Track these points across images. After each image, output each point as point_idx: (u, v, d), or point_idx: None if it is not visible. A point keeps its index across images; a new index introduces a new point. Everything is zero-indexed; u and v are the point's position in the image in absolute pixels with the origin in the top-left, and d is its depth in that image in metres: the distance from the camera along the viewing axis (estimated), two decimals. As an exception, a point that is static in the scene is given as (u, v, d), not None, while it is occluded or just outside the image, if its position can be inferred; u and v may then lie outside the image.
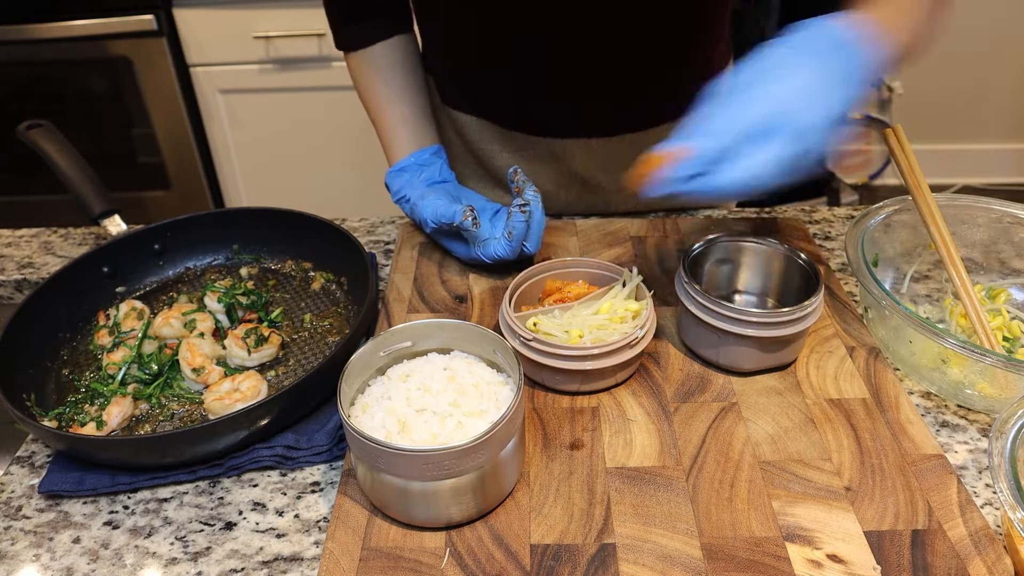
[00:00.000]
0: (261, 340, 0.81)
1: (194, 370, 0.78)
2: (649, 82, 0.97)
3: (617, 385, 0.75)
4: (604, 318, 0.76)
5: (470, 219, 0.85)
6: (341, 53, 1.02)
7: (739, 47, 3.01)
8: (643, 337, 0.73)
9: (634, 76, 0.95)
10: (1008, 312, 0.82)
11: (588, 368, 0.71)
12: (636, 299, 0.79)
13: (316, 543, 0.64)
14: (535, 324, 0.76)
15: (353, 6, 0.97)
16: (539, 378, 0.75)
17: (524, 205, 0.84)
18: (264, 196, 2.40)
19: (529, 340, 0.72)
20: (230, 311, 0.87)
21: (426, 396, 0.64)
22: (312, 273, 0.96)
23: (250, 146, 2.32)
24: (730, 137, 0.60)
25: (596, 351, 0.71)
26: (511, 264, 0.91)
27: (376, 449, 0.58)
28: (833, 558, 0.59)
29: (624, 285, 0.80)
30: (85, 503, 0.69)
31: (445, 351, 0.70)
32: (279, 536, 0.65)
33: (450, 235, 0.92)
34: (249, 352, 0.80)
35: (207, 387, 0.78)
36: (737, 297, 0.86)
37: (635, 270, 0.80)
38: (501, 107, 1.02)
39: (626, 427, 0.71)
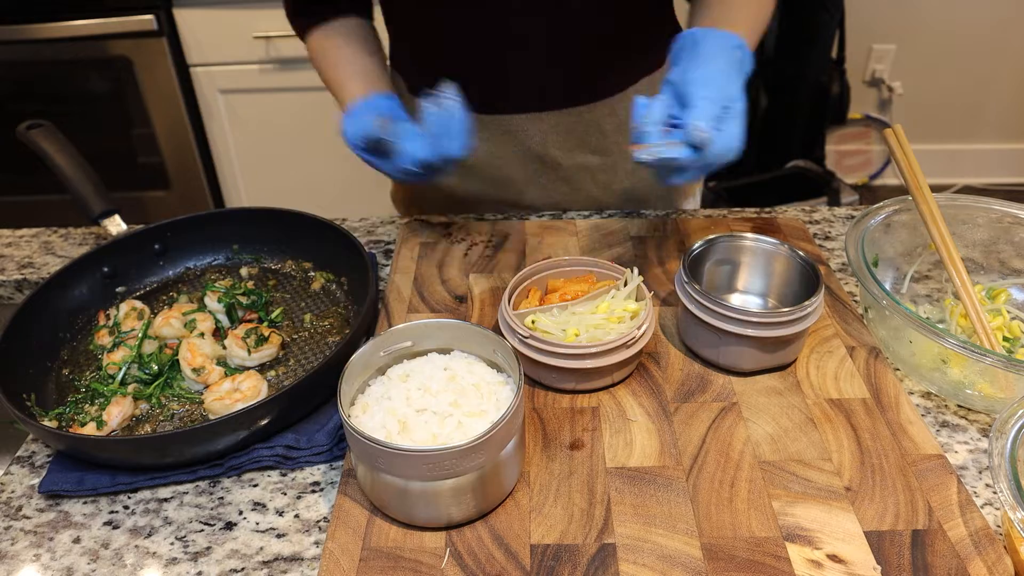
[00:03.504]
0: (261, 340, 0.81)
1: (194, 370, 0.78)
2: (604, 54, 0.98)
3: (614, 384, 0.76)
4: (602, 318, 0.76)
5: (378, 126, 0.82)
6: None
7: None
8: (640, 337, 0.73)
9: (586, 49, 0.97)
10: (1008, 312, 0.82)
11: (584, 367, 0.72)
12: (636, 300, 0.79)
13: (316, 543, 0.64)
14: (533, 322, 0.76)
15: None
16: (536, 375, 0.75)
17: (436, 98, 0.80)
18: (264, 196, 2.40)
19: (526, 337, 0.73)
20: (230, 311, 0.87)
21: (426, 396, 0.64)
22: (312, 273, 0.95)
23: (250, 146, 2.31)
24: (715, 110, 0.72)
25: (592, 350, 0.71)
26: (444, 176, 0.86)
27: (376, 449, 0.58)
28: (833, 558, 0.59)
29: (625, 285, 0.80)
30: (85, 503, 0.69)
31: (445, 351, 0.70)
32: (279, 536, 0.65)
33: (379, 154, 0.87)
34: (249, 352, 0.80)
35: (207, 387, 0.78)
36: (737, 297, 0.86)
37: (635, 270, 0.80)
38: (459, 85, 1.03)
39: (626, 427, 0.71)
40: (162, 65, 2.10)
